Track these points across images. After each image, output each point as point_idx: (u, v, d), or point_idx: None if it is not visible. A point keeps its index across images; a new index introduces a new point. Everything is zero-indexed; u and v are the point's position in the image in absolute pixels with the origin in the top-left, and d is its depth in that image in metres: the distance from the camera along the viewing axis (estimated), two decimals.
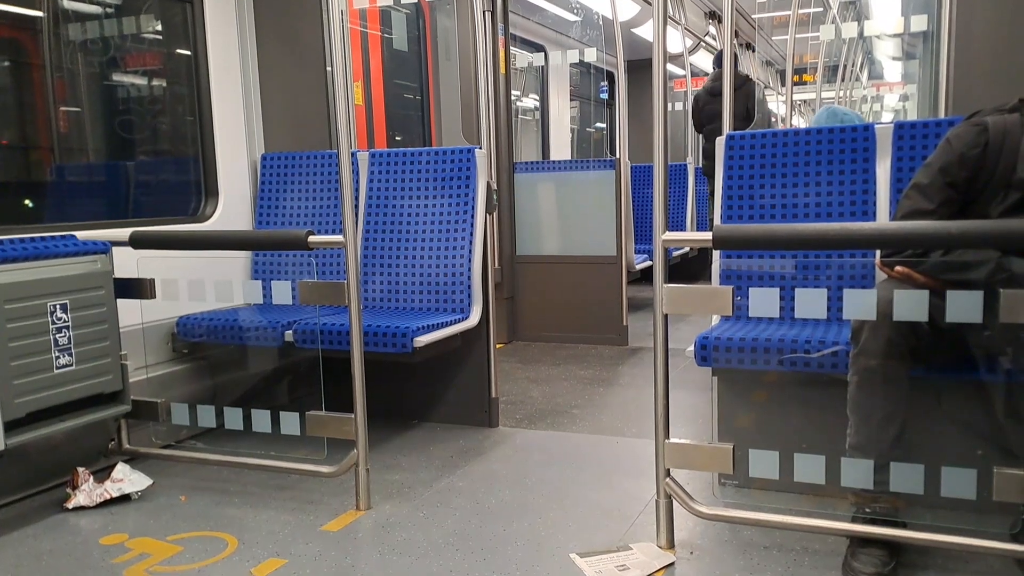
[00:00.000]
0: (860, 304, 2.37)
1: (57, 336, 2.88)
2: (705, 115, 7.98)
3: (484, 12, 4.89)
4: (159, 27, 4.31)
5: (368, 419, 3.01)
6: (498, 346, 4.26)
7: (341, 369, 3.01)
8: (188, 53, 4.15)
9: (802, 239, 2.53)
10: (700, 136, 8.37)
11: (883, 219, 3.14)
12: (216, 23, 4.14)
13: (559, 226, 6.26)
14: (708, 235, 2.47)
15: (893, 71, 14.64)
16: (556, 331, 6.18)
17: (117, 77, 4.28)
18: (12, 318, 2.74)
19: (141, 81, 4.42)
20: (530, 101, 9.03)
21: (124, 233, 3.20)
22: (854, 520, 2.50)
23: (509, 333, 6.21)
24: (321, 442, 3.16)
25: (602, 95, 10.49)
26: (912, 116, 12.61)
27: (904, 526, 2.44)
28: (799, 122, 15.38)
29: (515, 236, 6.25)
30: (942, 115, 3.87)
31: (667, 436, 2.55)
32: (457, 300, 3.94)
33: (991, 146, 2.52)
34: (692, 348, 2.88)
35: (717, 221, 3.44)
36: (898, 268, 2.49)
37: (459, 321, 3.85)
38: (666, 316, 2.53)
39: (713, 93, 7.96)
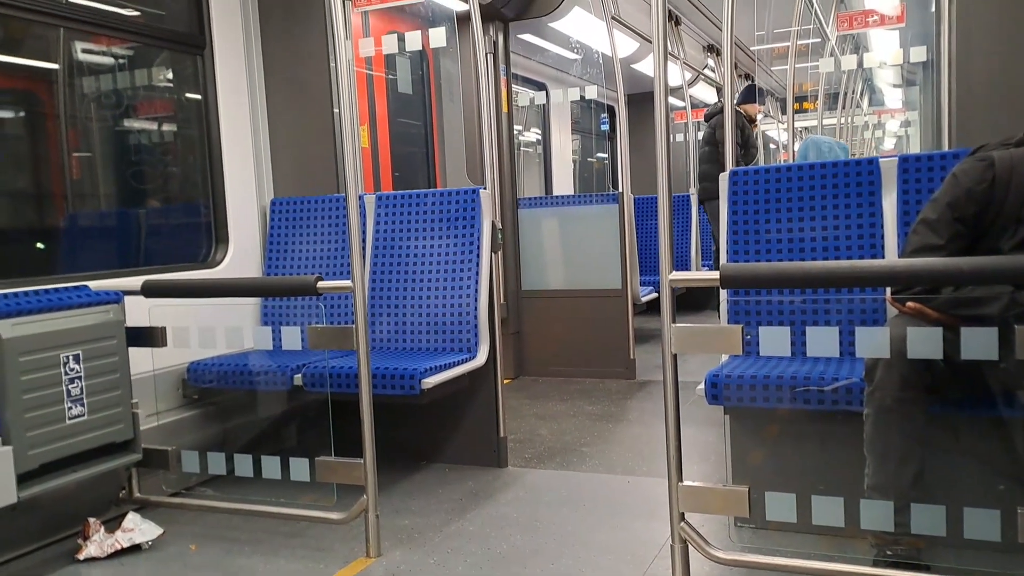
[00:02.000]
0: (873, 342, 2.36)
1: (70, 387, 2.88)
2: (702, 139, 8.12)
3: (486, 54, 4.92)
4: (170, 77, 4.36)
5: (376, 461, 3.00)
6: (505, 382, 4.25)
7: (350, 411, 3.01)
8: (198, 102, 4.20)
9: (812, 278, 2.52)
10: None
11: (891, 253, 3.13)
12: (226, 73, 4.19)
13: (564, 260, 6.27)
14: (715, 274, 2.45)
15: (894, 98, 14.72)
16: (563, 366, 6.17)
17: (129, 126, 4.32)
18: (26, 370, 2.74)
19: (152, 130, 4.46)
20: (532, 135, 9.08)
21: (136, 282, 3.21)
22: (875, 563, 2.47)
23: (516, 368, 6.20)
24: (331, 485, 3.15)
25: (603, 127, 10.54)
26: (914, 142, 12.64)
27: (927, 569, 2.41)
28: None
29: (520, 271, 6.25)
30: (946, 146, 3.88)
31: (680, 479, 2.53)
32: (464, 340, 3.94)
33: (998, 181, 2.52)
34: (702, 386, 2.87)
35: (723, 258, 3.43)
36: (910, 304, 2.48)
37: (466, 361, 3.84)
38: (675, 356, 2.51)
39: (706, 117, 8.07)
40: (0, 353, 2.69)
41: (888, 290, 2.71)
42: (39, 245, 3.90)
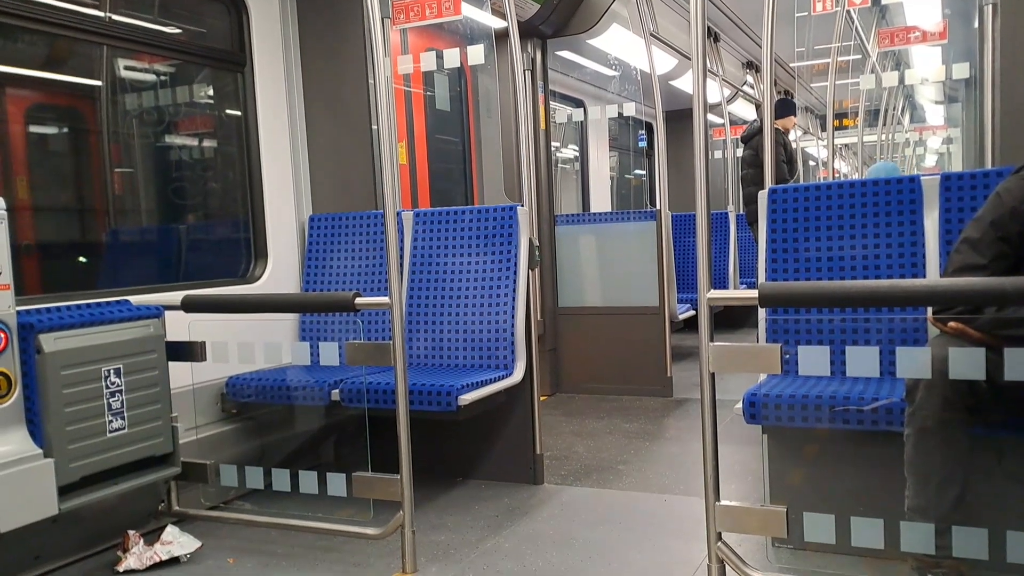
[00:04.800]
0: (914, 362, 2.33)
1: (111, 400, 2.92)
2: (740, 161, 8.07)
3: (524, 71, 4.94)
4: (211, 94, 4.43)
5: (413, 477, 3.01)
6: (541, 399, 4.25)
7: (386, 426, 3.02)
8: (238, 119, 4.26)
9: (852, 296, 2.49)
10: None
11: (932, 272, 3.09)
12: (266, 90, 4.26)
13: (601, 277, 6.26)
14: (754, 292, 2.44)
15: (935, 115, 14.55)
16: (600, 383, 6.15)
17: (170, 143, 4.39)
18: (68, 384, 2.78)
19: (193, 146, 4.53)
20: (569, 151, 9.09)
21: (176, 297, 3.25)
22: None
23: (552, 385, 6.19)
24: (367, 501, 3.16)
25: (641, 143, 10.53)
26: (956, 160, 12.49)
27: None
28: (841, 166, 15.30)
29: (557, 288, 6.25)
30: (989, 164, 3.83)
31: (717, 498, 2.51)
32: (501, 357, 3.94)
33: None
34: (740, 405, 2.85)
35: (761, 277, 3.41)
36: (952, 324, 2.44)
37: (503, 378, 3.85)
38: (712, 375, 2.50)
39: (744, 139, 8.03)
40: (43, 366, 2.73)
41: (929, 310, 2.67)
42: (82, 260, 3.97)
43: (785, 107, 7.87)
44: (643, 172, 11.22)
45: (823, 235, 3.28)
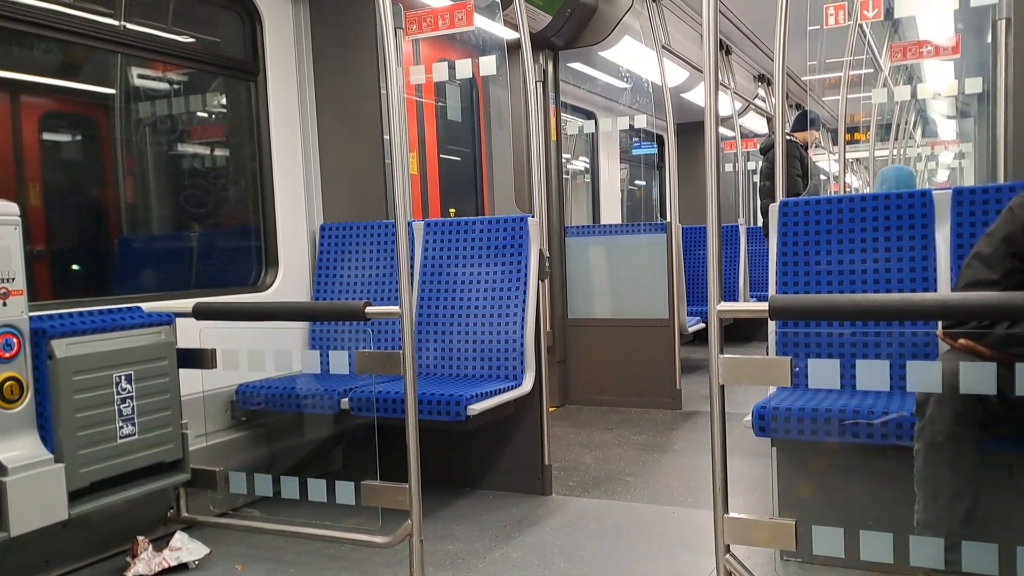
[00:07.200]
0: (924, 376, 2.32)
1: (121, 406, 2.93)
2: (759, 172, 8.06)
3: (536, 82, 4.95)
4: (224, 103, 4.45)
5: (422, 486, 3.00)
6: (550, 410, 4.24)
7: (395, 435, 3.02)
8: (251, 128, 4.28)
9: (862, 310, 2.48)
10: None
11: (943, 287, 3.08)
12: (278, 99, 4.28)
13: (611, 289, 6.26)
14: (764, 305, 2.43)
15: (948, 129, 14.51)
16: (609, 394, 6.14)
17: (183, 151, 4.41)
18: (79, 389, 2.79)
19: (206, 155, 4.55)
20: (580, 163, 9.10)
21: (187, 304, 3.27)
22: None
23: (561, 397, 6.19)
24: (376, 509, 3.16)
25: (635, 150, 10.53)
26: (968, 175, 12.46)
27: None
28: (852, 180, 15.27)
29: (567, 299, 6.25)
30: (1001, 179, 3.82)
31: (726, 511, 2.50)
32: (510, 367, 3.95)
33: None
34: (749, 418, 2.84)
35: (771, 290, 3.40)
36: (961, 341, 2.44)
37: (512, 388, 3.85)
38: (722, 387, 2.49)
39: (762, 151, 8.01)
40: (54, 372, 2.74)
41: (940, 326, 2.67)
42: (94, 266, 3.99)
43: (804, 120, 7.86)
44: (644, 183, 11.22)
45: (834, 248, 3.28)
